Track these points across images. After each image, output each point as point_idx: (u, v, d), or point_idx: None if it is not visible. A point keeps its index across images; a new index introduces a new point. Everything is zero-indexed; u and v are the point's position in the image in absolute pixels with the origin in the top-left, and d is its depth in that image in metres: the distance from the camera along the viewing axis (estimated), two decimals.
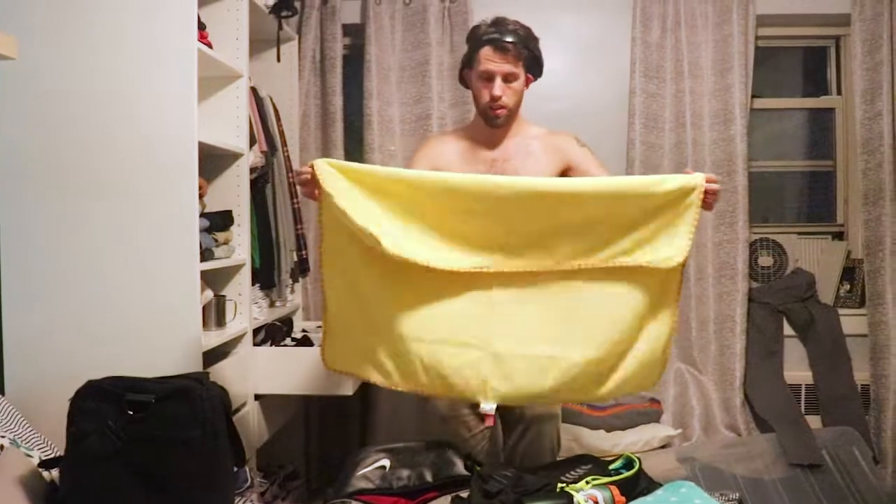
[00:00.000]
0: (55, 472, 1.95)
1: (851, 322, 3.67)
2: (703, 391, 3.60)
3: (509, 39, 2.39)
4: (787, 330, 3.72)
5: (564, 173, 2.53)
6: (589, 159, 2.53)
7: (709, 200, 2.11)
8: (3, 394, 2.33)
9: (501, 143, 2.56)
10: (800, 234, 3.88)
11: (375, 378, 2.24)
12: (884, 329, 3.53)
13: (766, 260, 3.83)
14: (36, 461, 1.99)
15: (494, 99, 2.44)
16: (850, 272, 3.76)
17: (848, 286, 3.76)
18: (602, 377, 2.18)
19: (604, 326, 2.15)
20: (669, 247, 2.11)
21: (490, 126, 2.51)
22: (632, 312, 2.15)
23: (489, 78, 2.43)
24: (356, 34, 3.70)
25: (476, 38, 2.46)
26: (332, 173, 2.10)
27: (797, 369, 3.69)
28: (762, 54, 3.74)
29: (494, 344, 2.16)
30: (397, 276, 2.15)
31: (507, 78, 2.43)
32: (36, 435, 2.20)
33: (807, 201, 4.10)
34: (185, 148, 2.34)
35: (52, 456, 2.08)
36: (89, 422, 1.82)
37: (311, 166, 2.11)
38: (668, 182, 2.10)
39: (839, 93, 3.90)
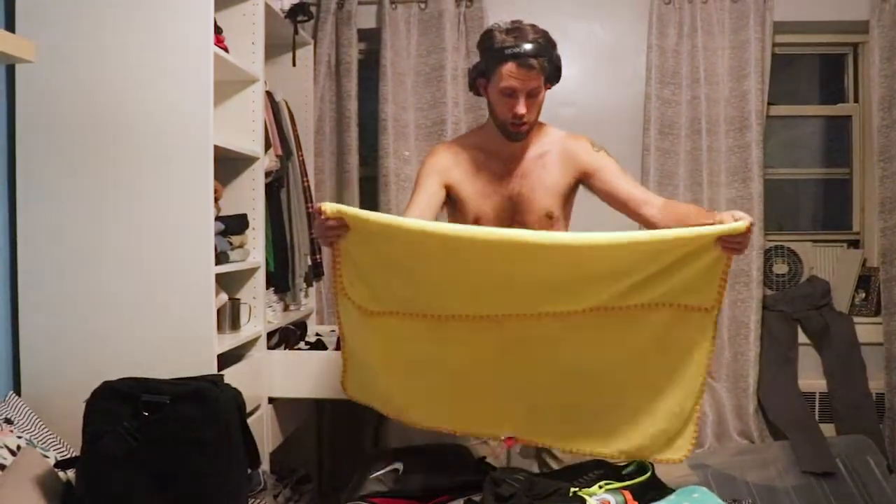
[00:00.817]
0: (71, 473, 1.96)
1: (866, 330, 3.66)
2: (716, 398, 3.59)
3: (533, 54, 2.22)
4: (802, 338, 3.70)
5: (581, 180, 2.42)
6: (605, 162, 2.40)
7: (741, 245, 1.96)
8: (19, 395, 2.35)
9: (519, 155, 2.42)
10: (815, 241, 3.87)
11: (396, 415, 2.18)
12: None
13: (780, 267, 3.81)
14: (52, 462, 2.01)
15: (518, 116, 2.28)
16: (865, 280, 3.74)
17: (863, 294, 3.74)
18: (627, 428, 2.09)
19: (633, 371, 2.08)
20: (705, 290, 2.00)
21: (511, 140, 2.38)
22: (664, 357, 2.06)
23: (512, 94, 2.27)
24: (372, 39, 3.71)
25: (495, 51, 2.25)
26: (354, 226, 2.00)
27: (811, 377, 3.68)
28: (779, 61, 3.73)
29: (517, 386, 2.12)
30: (416, 316, 2.11)
31: (531, 94, 2.28)
32: (52, 436, 2.22)
33: (822, 209, 4.09)
34: (200, 151, 2.35)
35: (67, 456, 2.10)
36: (105, 422, 1.84)
37: (322, 210, 1.97)
38: (711, 231, 1.94)
39: (856, 100, 3.88)
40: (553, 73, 2.32)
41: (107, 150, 2.37)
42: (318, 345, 3.18)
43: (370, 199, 3.69)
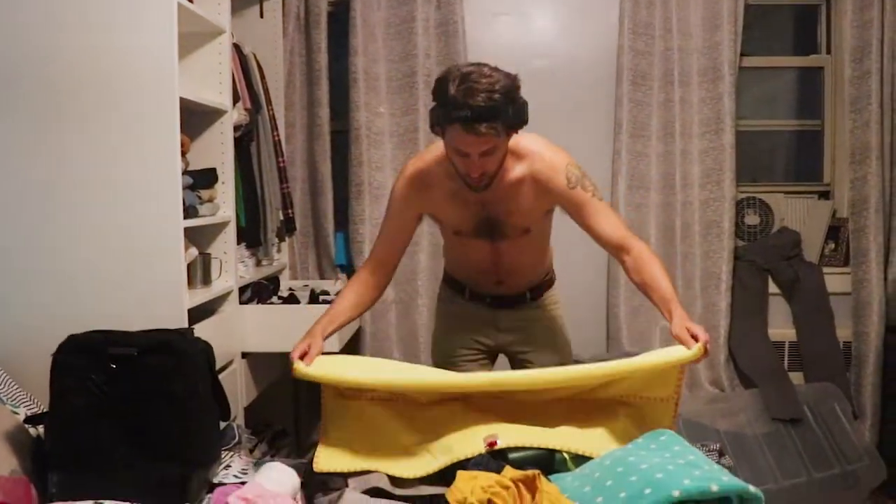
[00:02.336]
0: (41, 428, 1.96)
1: (835, 280, 3.72)
2: None
3: (482, 119, 1.97)
4: (773, 288, 3.75)
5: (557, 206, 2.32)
6: (581, 200, 2.22)
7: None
8: None
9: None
10: (786, 193, 3.89)
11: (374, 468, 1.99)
12: (866, 287, 3.57)
13: (752, 219, 3.84)
14: (22, 417, 2.00)
15: (472, 178, 2.13)
16: (835, 231, 3.79)
17: (833, 245, 3.79)
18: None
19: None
20: (661, 390, 2.07)
21: (473, 192, 2.20)
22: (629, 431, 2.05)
23: (465, 154, 2.07)
24: None
25: (445, 105, 2.01)
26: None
27: (781, 327, 3.74)
28: (753, 13, 3.72)
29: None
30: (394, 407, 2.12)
31: (485, 153, 2.06)
32: (21, 392, 2.21)
33: (794, 161, 4.11)
34: (165, 104, 2.31)
35: (37, 412, 2.09)
36: (71, 376, 1.82)
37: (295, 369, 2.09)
38: (673, 357, 2.03)
39: (829, 52, 3.88)
40: (515, 121, 2.07)
41: (70, 104, 2.32)
42: (291, 299, 3.18)
43: (341, 152, 3.65)
